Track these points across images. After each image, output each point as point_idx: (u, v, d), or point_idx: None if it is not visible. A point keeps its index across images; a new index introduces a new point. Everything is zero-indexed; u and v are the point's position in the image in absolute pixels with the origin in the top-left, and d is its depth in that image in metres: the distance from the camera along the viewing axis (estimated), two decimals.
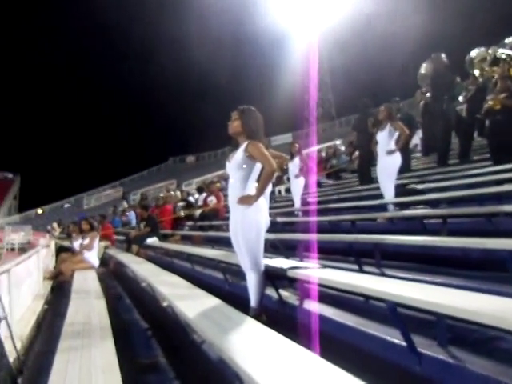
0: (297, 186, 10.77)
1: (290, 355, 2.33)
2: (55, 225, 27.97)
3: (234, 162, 4.05)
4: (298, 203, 10.64)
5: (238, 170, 4.03)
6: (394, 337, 2.90)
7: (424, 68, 11.35)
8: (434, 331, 2.83)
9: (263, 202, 4.06)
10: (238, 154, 4.03)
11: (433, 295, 2.60)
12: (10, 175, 61.84)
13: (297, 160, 10.53)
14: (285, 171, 12.22)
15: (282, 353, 2.37)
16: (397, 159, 7.36)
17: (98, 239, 9.68)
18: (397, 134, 7.31)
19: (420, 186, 7.66)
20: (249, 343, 2.57)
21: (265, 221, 4.09)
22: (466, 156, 9.28)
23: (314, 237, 5.93)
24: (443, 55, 9.51)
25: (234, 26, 55.26)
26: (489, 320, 2.12)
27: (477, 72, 9.19)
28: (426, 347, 2.71)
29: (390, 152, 7.29)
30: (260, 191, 3.94)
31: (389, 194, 7.32)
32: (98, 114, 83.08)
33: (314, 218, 7.73)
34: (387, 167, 7.40)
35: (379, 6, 37.68)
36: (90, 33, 77.73)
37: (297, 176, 10.53)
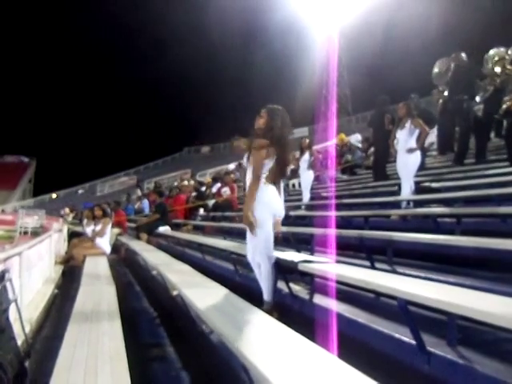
0: (306, 180, 10.79)
1: (298, 349, 2.32)
2: (67, 209, 28.16)
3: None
4: (306, 197, 10.64)
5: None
6: (404, 335, 2.87)
7: (437, 67, 11.24)
8: (444, 330, 2.80)
9: (267, 198, 4.09)
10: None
11: (444, 294, 2.57)
12: (26, 159, 62.53)
13: (306, 155, 10.56)
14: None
15: (290, 347, 2.36)
16: (417, 157, 7.31)
17: (110, 225, 9.73)
18: (417, 131, 7.24)
19: (435, 184, 7.58)
20: (257, 335, 2.55)
21: (267, 216, 4.10)
22: (482, 156, 9.18)
23: (326, 231, 5.90)
24: (463, 54, 9.40)
25: (253, 19, 54.98)
26: (500, 321, 2.09)
27: (498, 69, 9.04)
28: (436, 346, 2.67)
29: (411, 150, 7.23)
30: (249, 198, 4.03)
31: (405, 191, 7.27)
32: (115, 102, 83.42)
33: (326, 213, 7.69)
34: (407, 165, 7.35)
35: (399, 3, 37.34)
36: (106, 21, 77.79)
37: (307, 169, 10.56)
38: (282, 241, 7.22)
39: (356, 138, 17.93)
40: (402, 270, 4.57)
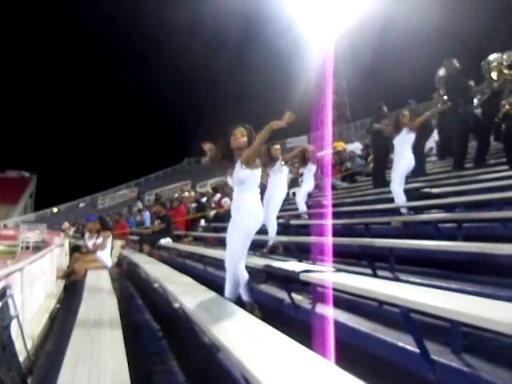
0: (301, 190, 10.66)
1: (300, 360, 2.30)
2: (67, 224, 28.12)
3: (236, 178, 4.33)
4: (302, 207, 10.47)
5: (240, 184, 4.31)
6: (408, 343, 2.85)
7: (442, 71, 11.27)
8: (448, 338, 2.78)
9: (257, 206, 4.32)
10: (237, 169, 4.30)
11: (447, 301, 2.55)
12: (27, 174, 62.67)
13: (309, 164, 10.44)
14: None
15: (293, 358, 2.34)
16: (409, 161, 7.29)
17: (110, 239, 9.69)
18: (413, 137, 7.25)
19: (435, 190, 7.57)
20: (260, 348, 2.54)
21: (254, 224, 4.31)
22: (481, 160, 9.17)
23: (327, 240, 5.88)
24: (455, 60, 9.44)
25: (250, 29, 55.21)
26: (505, 328, 2.07)
27: (494, 74, 9.08)
28: (440, 354, 2.65)
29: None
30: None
31: (400, 198, 7.25)
32: (114, 114, 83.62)
33: (327, 221, 7.67)
34: (400, 170, 7.34)
35: (396, 9, 37.42)
36: (107, 32, 78.08)
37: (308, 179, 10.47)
38: (283, 250, 7.24)
39: (356, 147, 17.94)
40: (404, 277, 4.55)
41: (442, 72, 11.18)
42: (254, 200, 4.30)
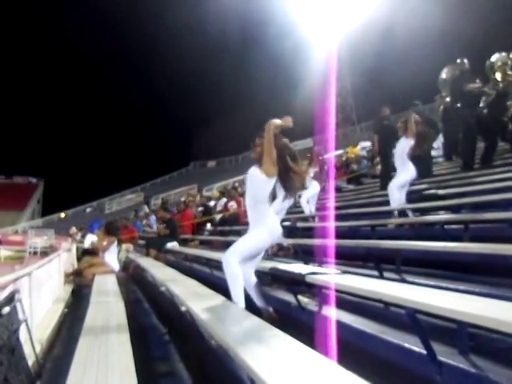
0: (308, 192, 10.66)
1: (307, 362, 2.30)
2: (74, 229, 28.18)
3: (249, 179, 4.37)
4: (311, 210, 10.46)
5: (255, 194, 4.29)
6: (414, 345, 2.85)
7: (445, 73, 11.27)
8: (454, 339, 2.77)
9: (272, 224, 4.33)
10: (254, 172, 4.30)
11: (454, 302, 2.54)
12: (34, 180, 62.99)
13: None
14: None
15: (299, 360, 2.34)
16: (411, 173, 7.38)
17: (115, 244, 9.70)
18: (411, 143, 7.30)
19: (441, 191, 7.55)
20: (266, 350, 2.54)
21: (267, 239, 4.36)
22: (488, 161, 9.15)
23: (333, 242, 5.88)
24: (466, 61, 9.43)
25: (255, 32, 55.35)
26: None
27: (498, 75, 9.06)
28: (447, 356, 2.65)
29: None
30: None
31: (396, 201, 7.31)
32: (121, 119, 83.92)
33: (333, 223, 7.67)
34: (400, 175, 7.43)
35: (400, 11, 37.38)
36: (111, 38, 78.31)
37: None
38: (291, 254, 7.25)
39: (364, 145, 17.91)
40: (410, 279, 4.55)
41: (444, 75, 11.20)
42: (271, 213, 4.34)
